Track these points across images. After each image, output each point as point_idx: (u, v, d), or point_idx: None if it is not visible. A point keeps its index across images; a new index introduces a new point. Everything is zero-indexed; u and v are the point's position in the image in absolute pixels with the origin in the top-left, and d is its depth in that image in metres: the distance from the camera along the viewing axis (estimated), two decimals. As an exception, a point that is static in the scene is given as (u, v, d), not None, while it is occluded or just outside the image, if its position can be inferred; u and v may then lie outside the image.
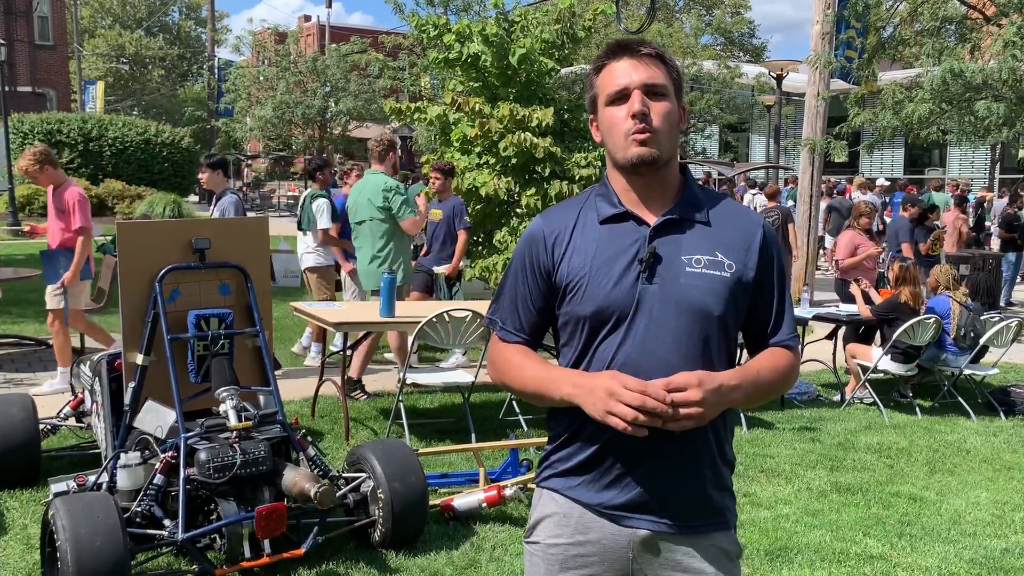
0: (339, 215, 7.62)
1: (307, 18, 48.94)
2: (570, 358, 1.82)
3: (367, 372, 7.54)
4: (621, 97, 1.76)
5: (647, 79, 1.75)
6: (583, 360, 1.79)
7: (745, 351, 1.92)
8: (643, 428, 1.61)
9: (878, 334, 7.32)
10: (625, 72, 1.76)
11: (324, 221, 7.41)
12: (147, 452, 3.78)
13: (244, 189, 29.24)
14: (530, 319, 1.87)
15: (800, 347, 7.04)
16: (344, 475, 4.08)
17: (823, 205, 14.11)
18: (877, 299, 7.43)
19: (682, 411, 1.60)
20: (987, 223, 16.60)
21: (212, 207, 7.05)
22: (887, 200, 18.03)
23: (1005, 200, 14.92)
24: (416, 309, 6.16)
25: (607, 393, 1.63)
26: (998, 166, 23.10)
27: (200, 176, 7.12)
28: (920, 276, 7.24)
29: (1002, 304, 12.16)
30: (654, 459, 1.73)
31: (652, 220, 1.78)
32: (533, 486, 4.63)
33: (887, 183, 19.28)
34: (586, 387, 1.68)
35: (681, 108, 1.83)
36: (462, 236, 7.60)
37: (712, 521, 1.79)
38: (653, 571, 1.78)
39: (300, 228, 7.83)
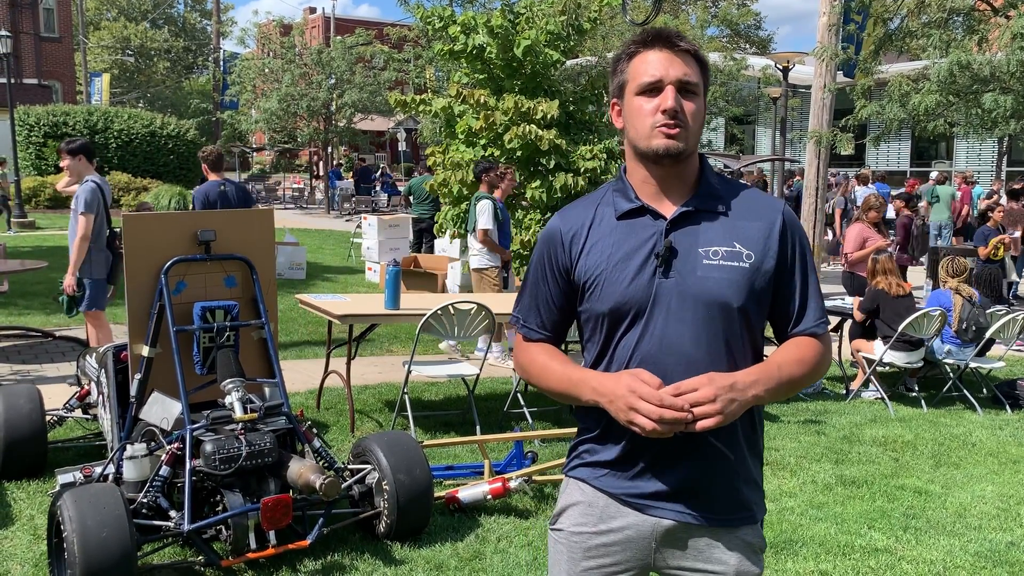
0: (501, 217, 7.60)
1: (312, 10, 48.93)
2: (593, 353, 1.82)
3: (375, 366, 7.55)
4: (653, 89, 1.73)
5: (682, 75, 1.72)
6: (604, 356, 1.79)
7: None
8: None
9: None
10: (660, 64, 1.73)
11: (484, 221, 7.40)
12: (153, 443, 3.79)
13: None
14: (551, 317, 1.88)
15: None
16: (349, 467, 4.09)
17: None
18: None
19: (696, 411, 1.59)
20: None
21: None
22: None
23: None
24: (421, 302, 6.17)
25: (626, 405, 1.63)
26: (1005, 159, 22.99)
27: (61, 164, 6.34)
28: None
29: (1011, 299, 12.10)
30: (683, 453, 1.73)
31: (669, 213, 1.76)
32: (538, 478, 4.65)
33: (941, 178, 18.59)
34: (607, 395, 1.67)
35: (705, 105, 1.81)
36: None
37: (739, 515, 1.79)
38: (676, 561, 1.78)
39: (467, 230, 7.85)
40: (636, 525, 1.77)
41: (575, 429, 1.91)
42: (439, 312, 5.44)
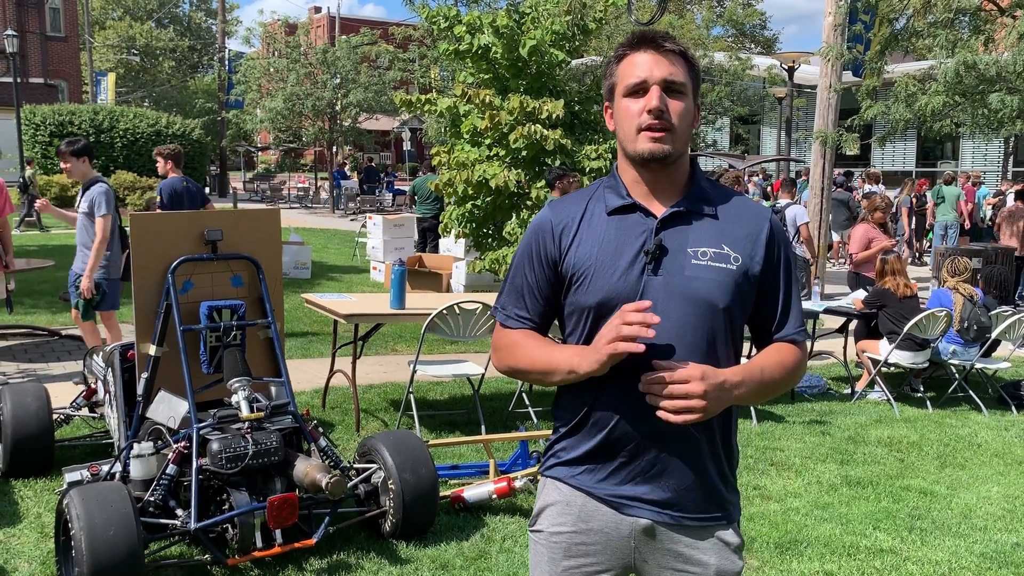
0: None
1: (317, 10, 48.99)
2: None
3: (380, 365, 7.56)
4: (639, 90, 1.75)
5: (667, 75, 1.74)
6: None
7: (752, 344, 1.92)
8: (654, 399, 1.63)
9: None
10: (646, 66, 1.75)
11: None
12: (160, 442, 3.81)
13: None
14: (536, 308, 1.88)
15: (811, 340, 7.05)
16: (355, 466, 4.10)
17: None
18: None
19: (683, 403, 1.61)
20: None
21: (79, 199, 6.31)
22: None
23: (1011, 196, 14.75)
24: (426, 301, 6.17)
25: (593, 348, 1.65)
26: (1011, 159, 22.95)
27: (63, 166, 6.31)
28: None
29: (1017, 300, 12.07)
30: (658, 451, 1.74)
31: (659, 212, 1.78)
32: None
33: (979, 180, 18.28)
34: (585, 351, 1.69)
35: (696, 106, 1.82)
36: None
37: (716, 515, 1.80)
38: (655, 560, 1.79)
39: None
40: (614, 524, 1.78)
41: None
42: (444, 312, 5.45)
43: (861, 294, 7.69)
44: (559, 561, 1.83)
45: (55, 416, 4.84)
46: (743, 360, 1.82)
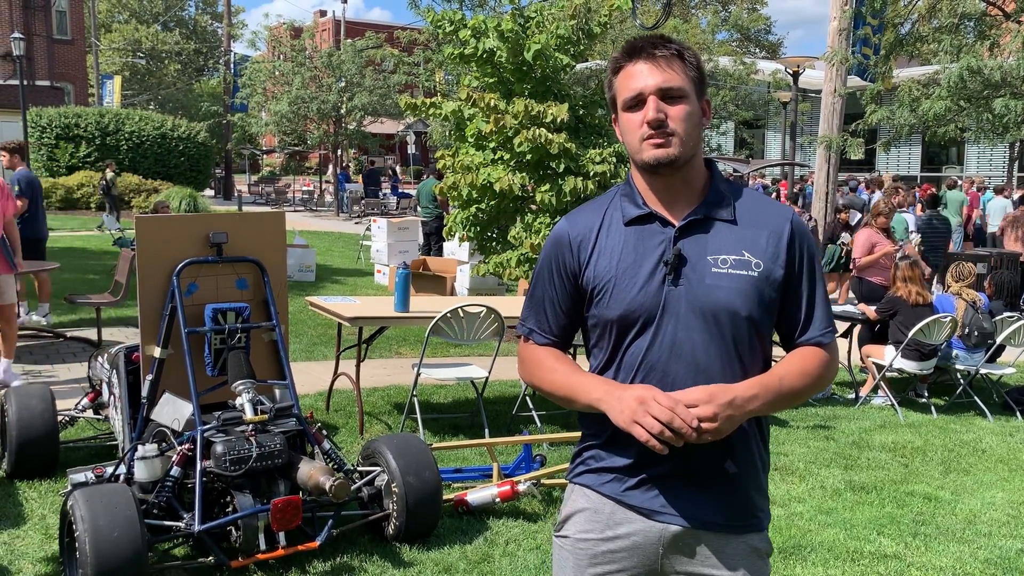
0: None
1: (322, 13, 49.11)
2: (600, 360, 1.82)
3: (384, 368, 7.57)
4: (637, 102, 1.74)
5: (662, 83, 1.72)
6: (612, 362, 1.79)
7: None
8: (664, 444, 1.61)
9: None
10: (640, 76, 1.74)
11: None
12: (164, 444, 3.82)
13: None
14: (559, 321, 1.88)
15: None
16: (359, 469, 4.10)
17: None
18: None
19: (694, 426, 1.61)
20: None
21: None
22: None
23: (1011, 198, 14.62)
24: (430, 304, 6.18)
25: (638, 401, 1.62)
26: (1016, 164, 22.91)
27: None
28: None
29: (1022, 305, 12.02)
30: (689, 460, 1.73)
31: (677, 221, 1.76)
32: (546, 481, 4.64)
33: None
34: (616, 394, 1.67)
35: (705, 102, 1.80)
36: None
37: (746, 522, 1.79)
38: (683, 566, 1.78)
39: None
40: (643, 531, 1.77)
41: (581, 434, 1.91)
42: (448, 315, 5.46)
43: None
44: (584, 568, 1.81)
45: (60, 418, 4.85)
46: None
